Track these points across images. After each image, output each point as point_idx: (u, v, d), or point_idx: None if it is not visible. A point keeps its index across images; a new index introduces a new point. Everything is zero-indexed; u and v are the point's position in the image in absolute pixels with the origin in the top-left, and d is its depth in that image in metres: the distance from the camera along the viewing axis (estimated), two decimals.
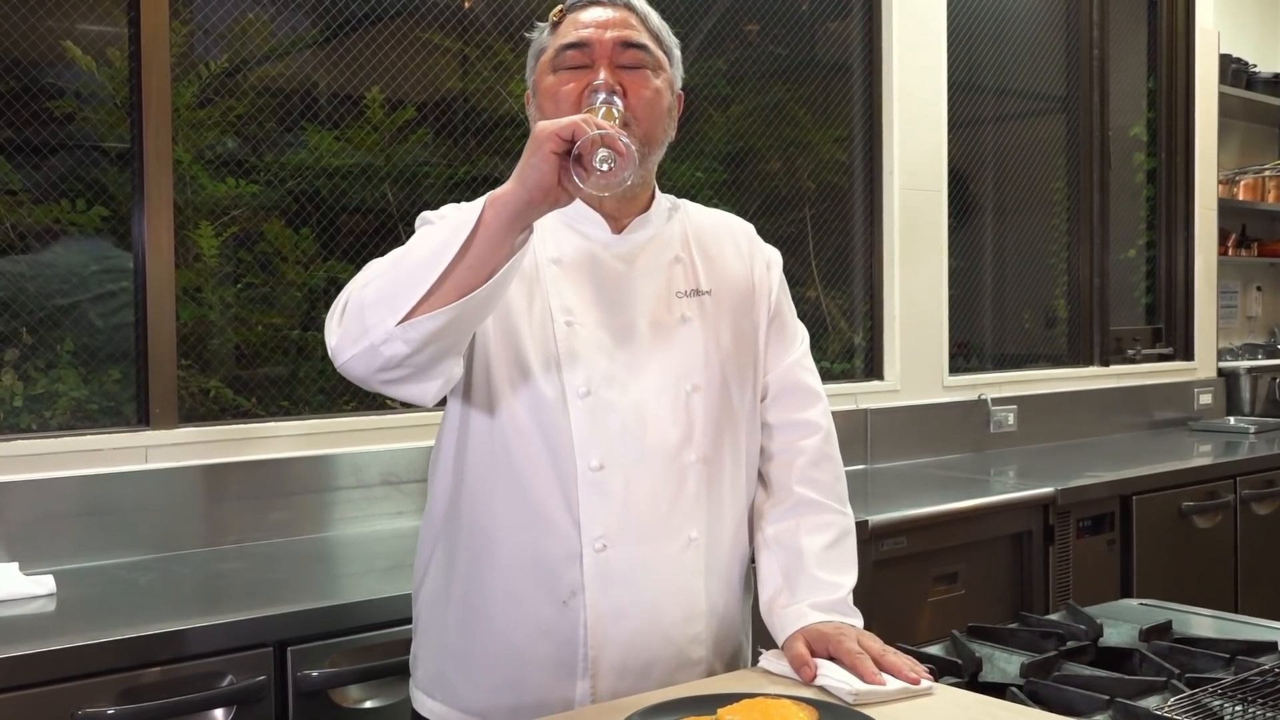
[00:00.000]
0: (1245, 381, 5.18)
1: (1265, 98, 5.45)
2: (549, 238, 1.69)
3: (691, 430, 1.66)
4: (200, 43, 2.78)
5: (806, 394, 1.81)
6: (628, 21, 1.68)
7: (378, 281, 1.45)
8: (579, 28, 1.66)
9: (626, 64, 1.65)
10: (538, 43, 1.72)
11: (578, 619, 1.60)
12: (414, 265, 1.43)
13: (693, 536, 1.65)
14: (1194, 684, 1.65)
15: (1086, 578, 3.42)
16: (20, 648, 1.85)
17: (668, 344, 1.67)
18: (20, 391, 2.52)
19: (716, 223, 1.83)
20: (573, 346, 1.62)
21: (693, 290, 1.72)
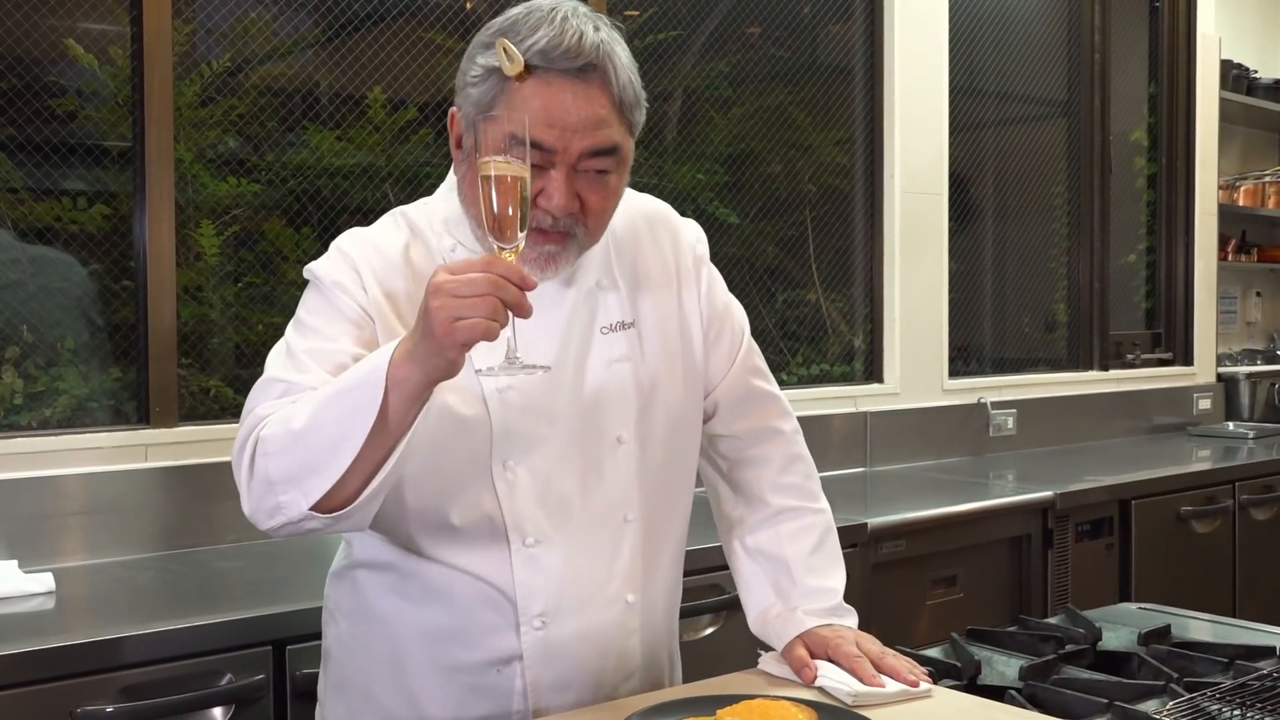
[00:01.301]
0: (1244, 387, 5.19)
1: (1266, 103, 5.45)
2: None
3: (626, 488, 1.55)
4: (202, 42, 2.78)
5: (761, 399, 1.71)
6: (600, 117, 1.42)
7: (281, 458, 1.33)
8: (540, 120, 1.39)
9: (587, 169, 1.44)
10: (481, 87, 1.44)
11: (512, 686, 1.52)
12: (318, 448, 1.31)
13: (630, 600, 1.57)
14: (1192, 688, 1.65)
15: (1085, 581, 3.42)
16: (19, 645, 1.85)
17: (596, 390, 1.54)
18: (20, 389, 2.52)
19: (633, 220, 1.63)
20: (501, 417, 1.48)
21: (618, 323, 1.57)
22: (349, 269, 1.50)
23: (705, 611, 2.50)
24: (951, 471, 3.86)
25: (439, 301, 1.22)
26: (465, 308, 1.22)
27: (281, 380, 1.44)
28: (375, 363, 1.30)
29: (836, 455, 3.74)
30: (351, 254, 1.51)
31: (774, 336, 3.82)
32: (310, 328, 1.49)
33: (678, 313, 1.63)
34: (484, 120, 1.35)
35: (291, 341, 1.49)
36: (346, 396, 1.31)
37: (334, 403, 1.32)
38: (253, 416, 1.41)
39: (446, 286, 1.23)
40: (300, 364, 1.44)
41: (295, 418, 1.34)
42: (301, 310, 1.53)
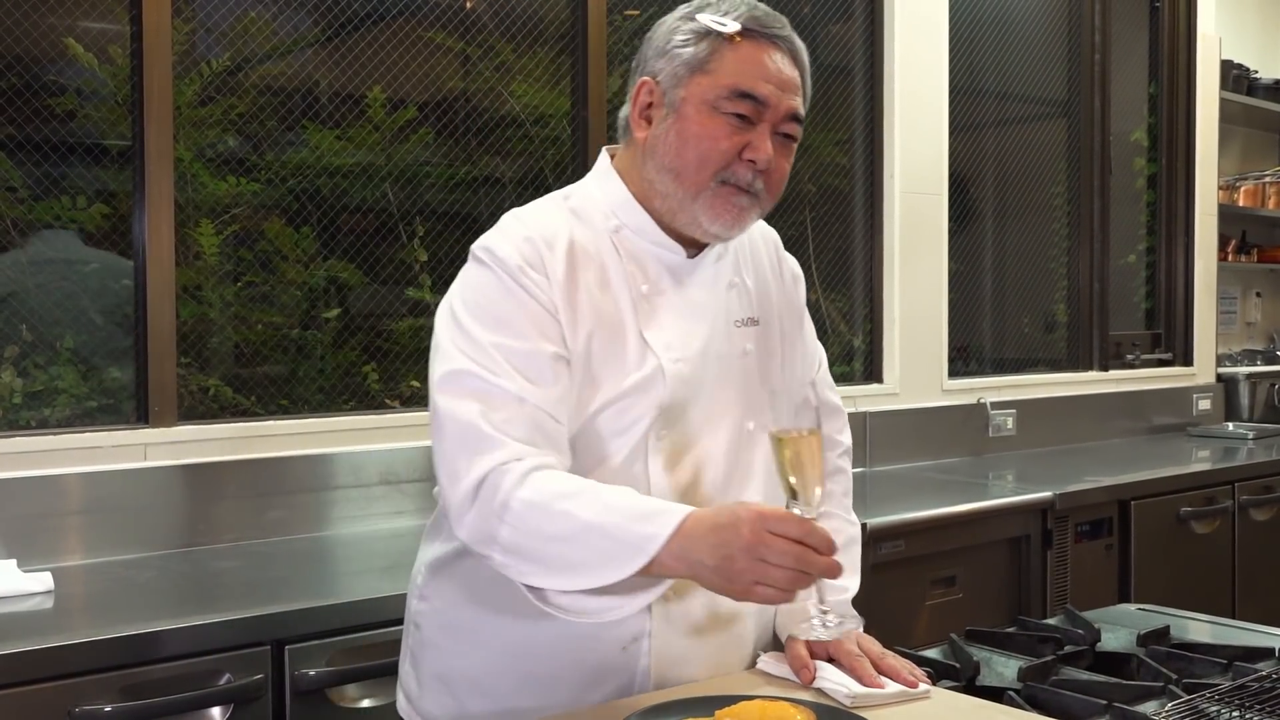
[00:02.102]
0: (1244, 387, 5.19)
1: (1266, 104, 5.45)
2: (634, 266, 1.58)
3: (750, 474, 1.62)
4: (202, 41, 2.78)
5: (830, 410, 1.81)
6: (798, 84, 1.56)
7: (519, 539, 1.39)
8: (760, 75, 1.52)
9: (783, 133, 1.56)
10: (694, 47, 1.54)
11: (636, 663, 1.56)
12: (557, 560, 1.38)
13: None
14: (1191, 689, 1.64)
15: (1084, 582, 3.42)
16: (18, 645, 1.85)
17: (730, 380, 1.61)
18: (20, 388, 2.52)
19: (756, 234, 1.73)
20: (675, 389, 1.54)
21: (748, 319, 1.66)
22: (532, 252, 1.52)
23: None
24: (951, 472, 3.86)
25: (747, 564, 1.29)
26: (772, 576, 1.29)
27: (476, 376, 1.45)
28: (650, 532, 1.34)
29: None
30: (531, 235, 1.53)
31: None
32: (494, 317, 1.49)
33: (788, 313, 1.73)
34: (702, 73, 1.51)
35: (470, 327, 1.49)
36: (609, 542, 1.35)
37: (593, 538, 1.36)
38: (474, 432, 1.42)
39: (759, 550, 1.29)
40: (492, 361, 1.46)
41: (551, 520, 1.37)
42: (475, 291, 1.52)
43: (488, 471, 1.41)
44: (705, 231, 1.56)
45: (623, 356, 1.52)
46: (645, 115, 1.58)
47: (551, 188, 1.65)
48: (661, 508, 1.38)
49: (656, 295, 1.57)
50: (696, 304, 1.59)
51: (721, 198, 1.53)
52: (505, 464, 1.41)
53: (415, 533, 2.87)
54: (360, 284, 2.99)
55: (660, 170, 1.55)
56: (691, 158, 1.52)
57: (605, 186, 1.62)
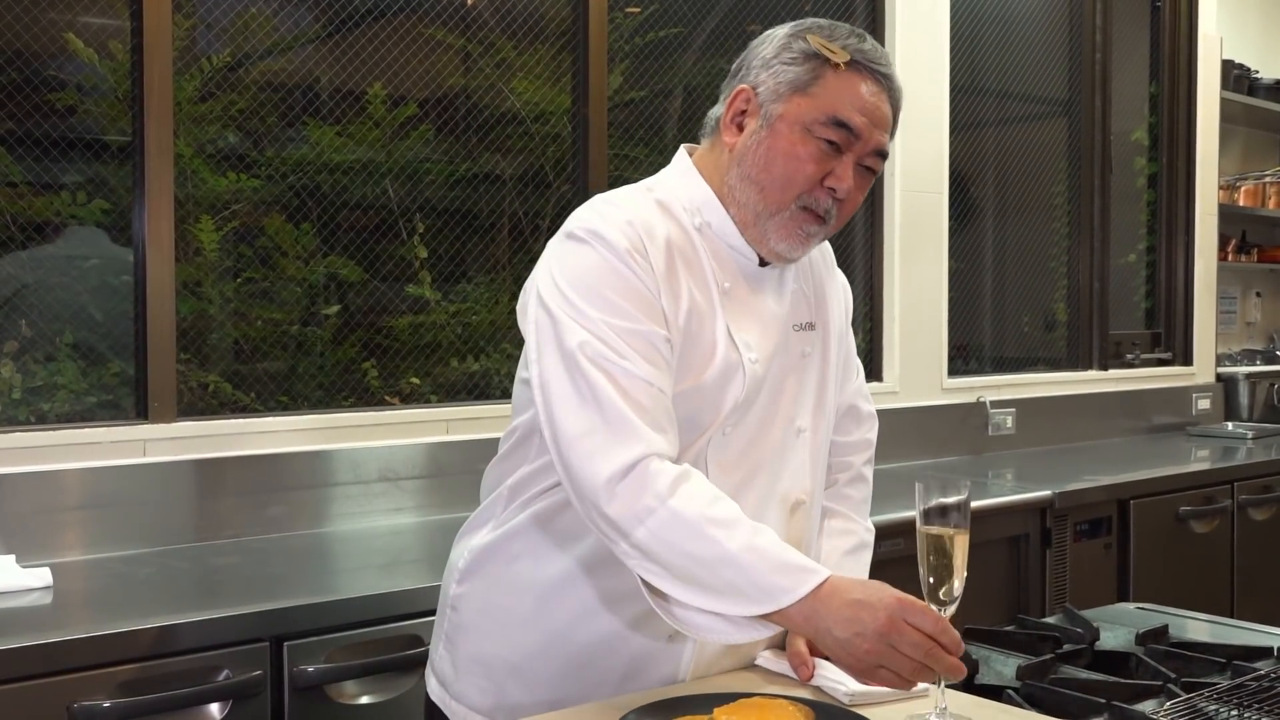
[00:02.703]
0: (1244, 387, 5.19)
1: (1267, 104, 5.45)
2: (715, 262, 1.60)
3: (800, 470, 1.65)
4: (202, 37, 2.78)
5: (863, 417, 1.86)
6: (890, 122, 1.59)
7: (656, 543, 1.40)
8: (857, 107, 1.54)
9: (866, 165, 1.58)
10: (800, 67, 1.56)
11: (681, 656, 1.58)
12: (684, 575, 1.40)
13: None
14: (1190, 688, 1.65)
15: (1083, 581, 3.42)
16: (16, 640, 1.85)
17: (787, 382, 1.64)
18: (19, 384, 2.52)
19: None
20: (752, 385, 1.56)
21: (807, 324, 1.68)
22: (635, 237, 1.52)
23: None
24: (950, 470, 3.85)
25: (877, 647, 1.34)
26: (898, 663, 1.34)
27: (602, 355, 1.44)
28: (788, 586, 1.37)
29: None
30: (633, 220, 1.53)
31: None
32: (604, 298, 1.48)
33: (839, 325, 1.76)
34: (803, 95, 1.54)
35: (581, 305, 1.47)
36: (745, 581, 1.38)
37: (730, 572, 1.39)
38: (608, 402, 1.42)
39: (892, 637, 1.33)
40: (613, 340, 1.45)
41: (695, 540, 1.39)
42: (581, 271, 1.50)
43: (634, 462, 1.41)
44: (770, 249, 1.59)
45: (708, 349, 1.54)
46: (738, 122, 1.60)
47: (552, 185, 1.65)
48: (805, 565, 1.40)
49: (736, 294, 1.60)
50: (768, 307, 1.62)
51: (795, 221, 1.56)
52: (651, 458, 1.41)
53: (415, 529, 2.89)
54: (360, 280, 2.99)
55: (744, 180, 1.58)
56: (778, 175, 1.55)
57: (688, 183, 1.63)
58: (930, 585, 1.42)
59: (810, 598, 1.37)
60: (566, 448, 1.44)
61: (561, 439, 1.45)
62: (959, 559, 1.42)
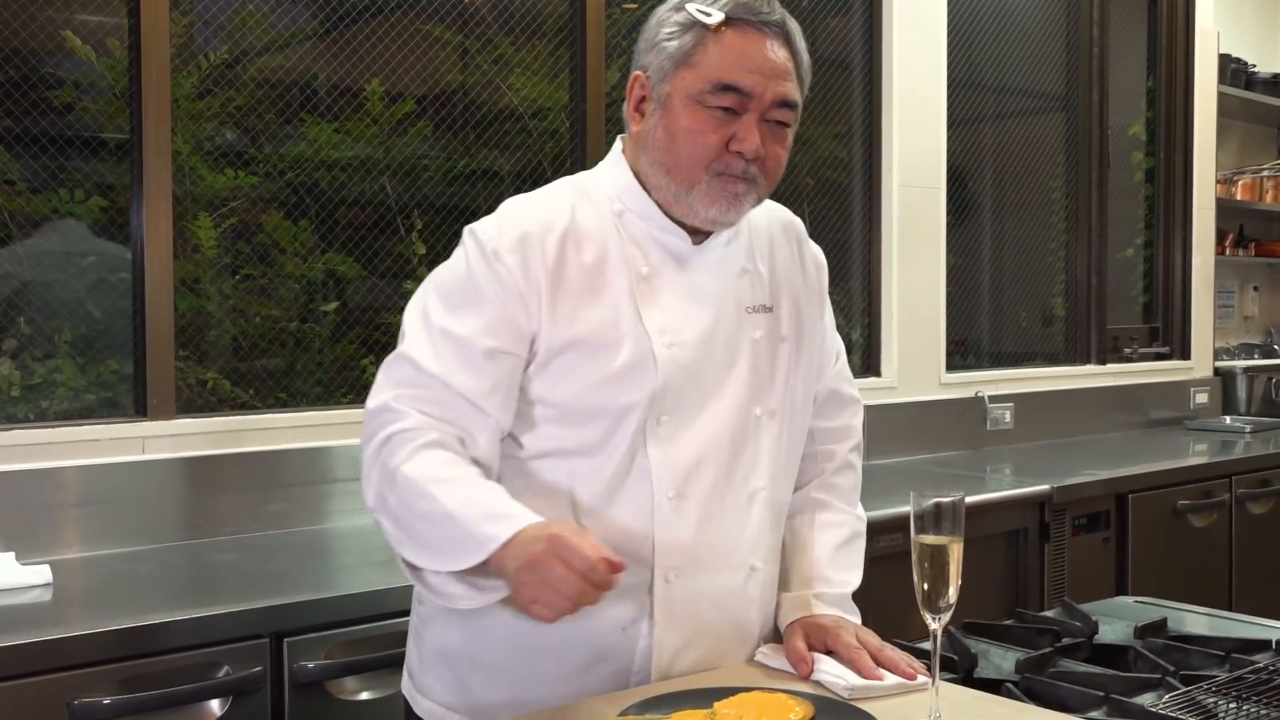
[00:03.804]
0: (1241, 381, 5.19)
1: (1264, 98, 5.45)
2: (635, 249, 1.59)
3: (759, 457, 1.62)
4: (200, 34, 2.78)
5: (846, 401, 1.83)
6: (788, 69, 1.55)
7: (400, 509, 1.48)
8: (743, 66, 1.51)
9: (773, 119, 1.55)
10: (679, 39, 1.54)
11: (636, 647, 1.57)
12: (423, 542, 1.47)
13: (756, 566, 1.63)
14: (1188, 681, 1.65)
15: (1082, 575, 3.42)
16: (16, 637, 1.86)
17: (740, 365, 1.62)
18: (18, 381, 2.52)
19: (770, 220, 1.74)
20: (671, 372, 1.54)
21: (761, 306, 1.66)
22: (517, 235, 1.54)
23: None
24: (948, 465, 3.86)
25: (530, 579, 1.34)
26: (548, 597, 1.33)
27: (412, 361, 1.52)
28: (493, 533, 1.39)
29: None
30: (523, 217, 1.56)
31: None
32: (451, 301, 1.54)
33: (806, 305, 1.72)
34: (687, 67, 1.52)
35: (431, 309, 1.55)
36: (460, 533, 1.42)
37: (449, 526, 1.43)
38: (386, 408, 1.51)
39: (542, 570, 1.33)
40: (434, 346, 1.52)
41: (421, 499, 1.45)
42: (452, 269, 1.57)
43: (388, 436, 1.49)
44: (703, 219, 1.57)
45: (616, 339, 1.54)
46: (639, 109, 1.60)
47: (550, 181, 1.66)
48: (511, 512, 1.42)
49: (656, 278, 1.58)
50: (700, 289, 1.60)
51: (716, 187, 1.54)
52: (404, 431, 1.48)
53: None
54: (359, 277, 2.99)
55: (653, 165, 1.58)
56: (681, 153, 1.54)
57: (613, 172, 1.64)
58: (925, 592, 1.43)
59: (513, 541, 1.37)
60: (365, 424, 1.55)
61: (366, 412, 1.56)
62: (953, 567, 1.42)
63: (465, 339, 1.51)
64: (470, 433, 1.52)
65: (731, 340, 1.61)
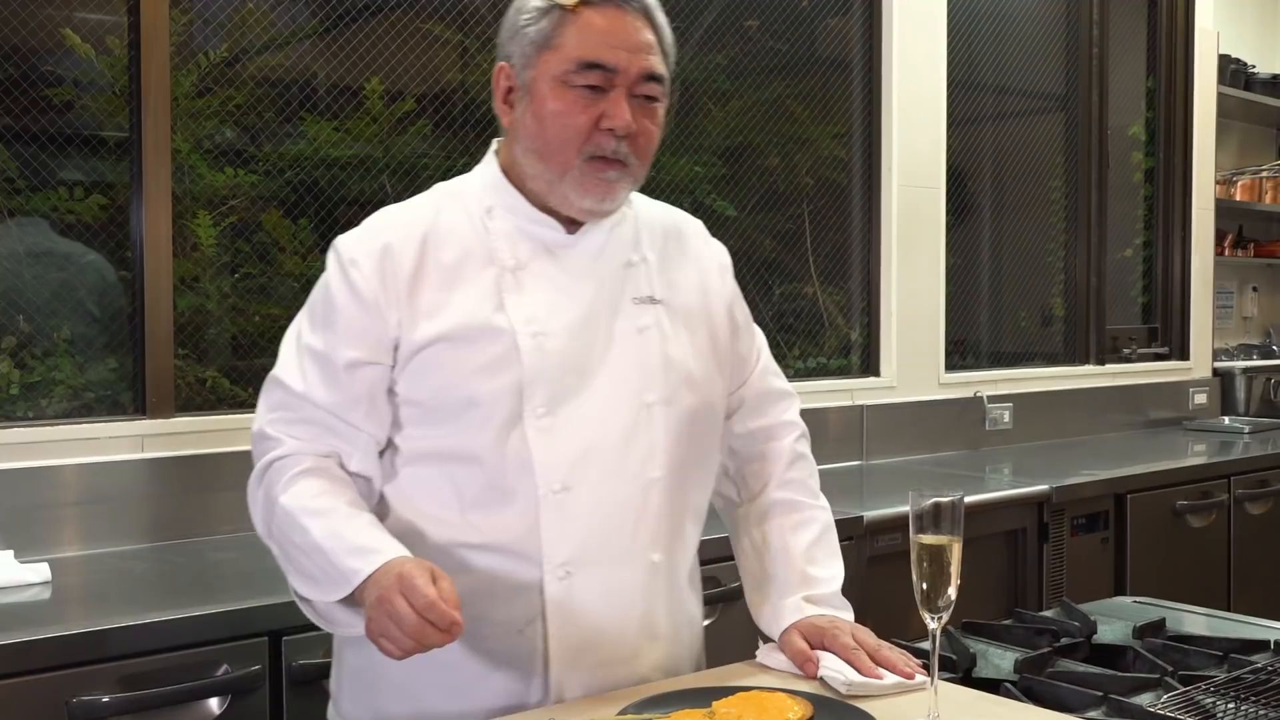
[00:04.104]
0: (1240, 382, 5.19)
1: (1263, 99, 5.45)
2: (502, 244, 1.58)
3: (654, 445, 1.58)
4: (199, 32, 2.77)
5: (778, 396, 1.80)
6: (651, 44, 1.55)
7: (280, 538, 1.52)
8: (604, 43, 1.51)
9: (641, 95, 1.54)
10: (538, 24, 1.53)
11: (535, 648, 1.53)
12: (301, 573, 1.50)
13: (655, 559, 1.59)
14: (1187, 681, 1.65)
15: (1080, 575, 3.42)
16: (15, 636, 1.86)
17: (626, 353, 1.59)
18: (17, 379, 2.52)
19: (667, 222, 1.73)
20: (536, 362, 1.53)
21: (649, 297, 1.63)
22: (374, 244, 1.56)
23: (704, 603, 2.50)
24: (947, 465, 3.86)
25: (376, 616, 1.36)
26: (391, 634, 1.35)
27: (281, 383, 1.57)
28: (356, 567, 1.41)
29: (833, 448, 3.75)
30: (382, 225, 1.59)
31: (771, 330, 3.81)
32: (315, 317, 1.58)
33: (703, 301, 1.70)
34: (548, 50, 1.51)
35: (304, 330, 1.59)
36: (328, 565, 1.45)
37: (318, 557, 1.46)
38: (263, 435, 1.56)
39: (387, 607, 1.35)
40: (301, 367, 1.56)
41: (295, 530, 1.48)
42: (319, 289, 1.60)
43: (268, 465, 1.54)
44: (577, 208, 1.56)
45: (478, 333, 1.53)
46: (508, 101, 1.59)
47: None
48: (376, 546, 1.43)
49: (523, 270, 1.57)
50: (577, 279, 1.59)
51: (589, 174, 1.53)
52: (280, 459, 1.53)
53: None
54: None
55: (526, 153, 1.57)
56: (552, 137, 1.53)
57: (483, 171, 1.64)
58: (924, 592, 1.43)
59: (372, 576, 1.39)
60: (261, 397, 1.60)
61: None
62: (953, 567, 1.42)
63: (325, 354, 1.54)
64: (343, 449, 1.55)
65: (613, 330, 1.59)
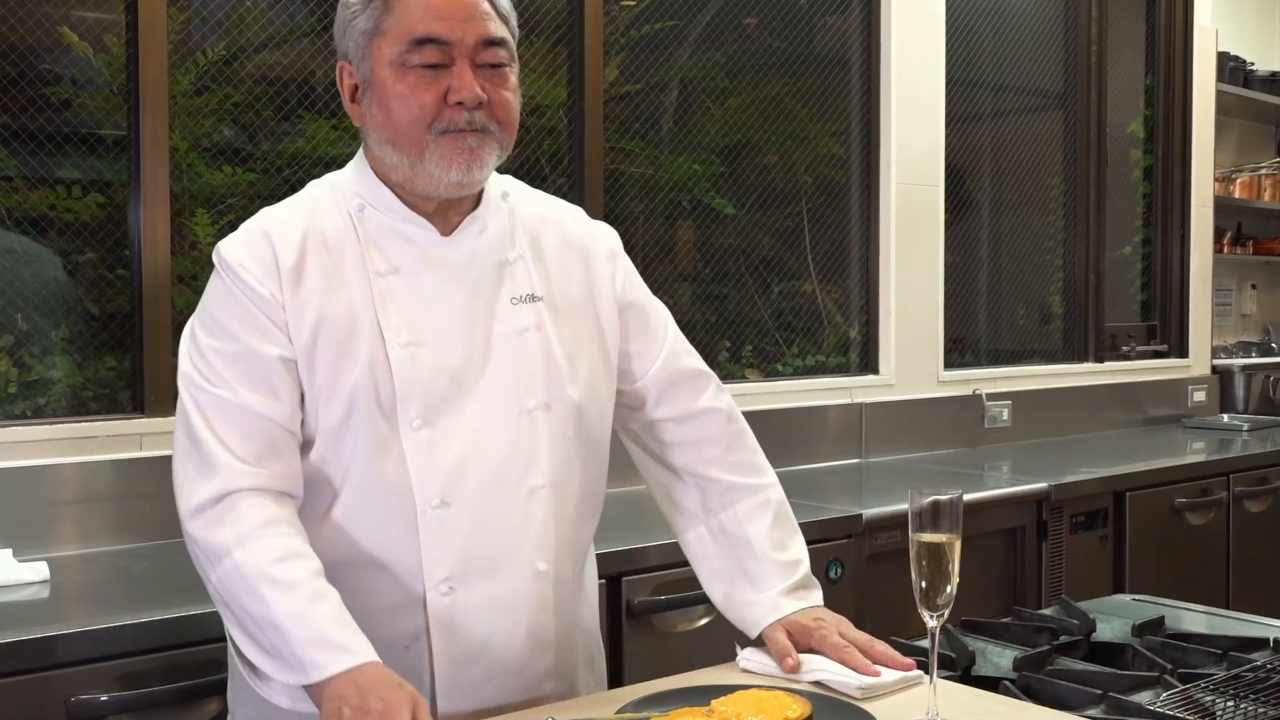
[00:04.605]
0: (1239, 379, 5.19)
1: (1262, 96, 5.45)
2: (373, 248, 1.53)
3: (536, 453, 1.54)
4: (197, 30, 2.77)
5: (694, 379, 1.72)
6: (484, 9, 1.49)
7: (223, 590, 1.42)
8: (433, 16, 1.46)
9: (486, 62, 1.49)
10: (365, 13, 1.51)
11: (422, 664, 1.50)
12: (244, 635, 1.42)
13: (541, 568, 1.55)
14: (1186, 679, 1.65)
15: (1079, 573, 3.42)
16: (14, 634, 1.85)
17: (505, 358, 1.54)
18: (15, 378, 2.51)
19: (545, 213, 1.67)
20: (408, 374, 1.48)
21: (528, 295, 1.58)
22: (256, 244, 1.52)
23: (699, 602, 2.50)
24: (946, 463, 3.86)
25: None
26: None
27: (198, 385, 1.48)
28: (321, 662, 1.34)
29: (831, 446, 3.75)
30: (262, 225, 1.55)
31: (769, 328, 3.82)
32: (218, 322, 1.50)
33: (587, 291, 1.65)
34: (379, 36, 1.48)
35: (200, 336, 1.51)
36: (285, 647, 1.37)
37: (274, 635, 1.37)
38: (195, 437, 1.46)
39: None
40: (213, 371, 1.48)
41: (250, 596, 1.39)
42: (209, 297, 1.54)
43: (215, 498, 1.43)
44: (447, 183, 1.50)
45: (353, 344, 1.48)
46: (355, 100, 1.56)
47: (548, 178, 1.65)
48: (343, 643, 1.35)
49: (394, 275, 1.52)
50: (451, 283, 1.53)
51: (445, 146, 1.48)
52: (234, 495, 1.42)
53: None
54: None
55: (381, 145, 1.52)
56: (400, 120, 1.48)
57: (353, 169, 1.60)
58: (923, 590, 1.43)
59: (343, 678, 1.32)
60: (172, 473, 1.49)
61: (175, 444, 1.50)
62: (952, 565, 1.42)
63: (245, 355, 1.47)
64: (285, 461, 1.47)
65: (490, 334, 1.54)
